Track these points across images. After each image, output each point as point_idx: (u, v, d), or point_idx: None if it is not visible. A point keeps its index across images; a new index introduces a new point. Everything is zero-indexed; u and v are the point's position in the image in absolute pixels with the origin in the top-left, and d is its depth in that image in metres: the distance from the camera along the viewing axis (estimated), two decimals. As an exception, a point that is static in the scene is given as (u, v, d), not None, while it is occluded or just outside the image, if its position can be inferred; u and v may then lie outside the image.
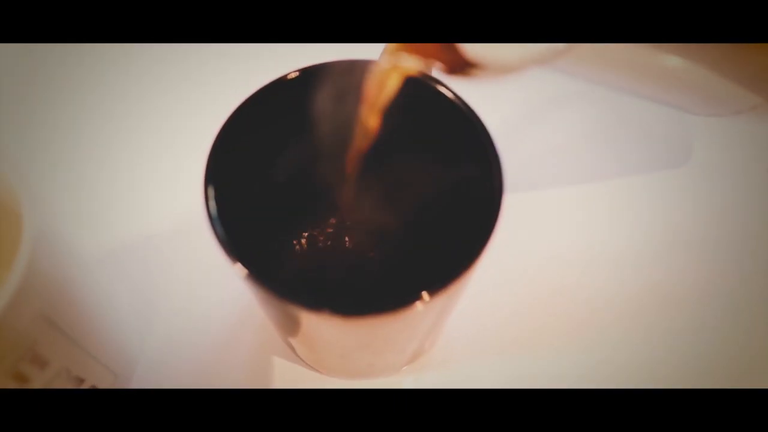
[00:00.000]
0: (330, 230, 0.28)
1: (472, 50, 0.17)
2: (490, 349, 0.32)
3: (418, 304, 0.19)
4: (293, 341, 0.26)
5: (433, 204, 0.25)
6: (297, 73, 0.23)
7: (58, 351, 0.22)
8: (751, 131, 0.40)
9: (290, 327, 0.23)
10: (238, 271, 0.20)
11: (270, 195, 0.25)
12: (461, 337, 0.32)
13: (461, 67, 0.17)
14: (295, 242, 0.27)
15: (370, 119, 0.22)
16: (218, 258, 0.20)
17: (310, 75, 0.23)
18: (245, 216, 0.23)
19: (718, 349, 0.33)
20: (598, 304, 0.35)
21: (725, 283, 0.36)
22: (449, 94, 0.22)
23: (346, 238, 0.28)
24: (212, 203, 0.21)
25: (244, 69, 0.47)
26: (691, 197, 0.39)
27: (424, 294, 0.19)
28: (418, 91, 0.22)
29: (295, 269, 0.26)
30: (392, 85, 0.21)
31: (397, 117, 0.22)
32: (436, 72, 0.19)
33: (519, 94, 0.43)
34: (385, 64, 0.20)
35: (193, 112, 0.42)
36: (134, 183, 0.37)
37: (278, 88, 0.23)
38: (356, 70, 0.22)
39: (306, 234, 0.27)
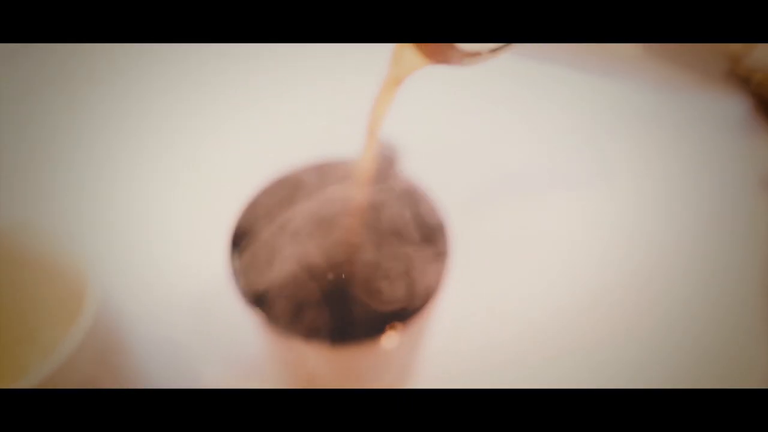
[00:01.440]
0: (322, 280, 0.32)
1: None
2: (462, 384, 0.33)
3: (388, 334, 0.25)
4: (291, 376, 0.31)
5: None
6: (304, 168, 0.29)
7: (110, 382, 0.27)
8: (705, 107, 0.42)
9: (290, 360, 0.28)
10: (256, 315, 0.25)
11: (282, 255, 0.30)
12: (434, 374, 0.33)
13: (455, 58, 0.21)
14: (297, 292, 0.31)
15: (354, 198, 0.28)
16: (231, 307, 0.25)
17: (312, 170, 0.29)
18: (257, 272, 0.28)
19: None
20: (568, 329, 0.35)
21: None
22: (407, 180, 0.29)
23: (337, 289, 0.32)
24: (235, 263, 0.27)
25: (244, 69, 0.47)
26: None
27: (392, 326, 0.25)
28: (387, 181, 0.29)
29: (295, 312, 0.30)
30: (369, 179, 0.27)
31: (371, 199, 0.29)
32: (433, 66, 0.22)
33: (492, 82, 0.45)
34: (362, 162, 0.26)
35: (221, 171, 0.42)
36: (166, 244, 0.39)
37: (287, 179, 0.29)
38: (343, 167, 0.29)
39: (304, 284, 0.31)
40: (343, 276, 0.32)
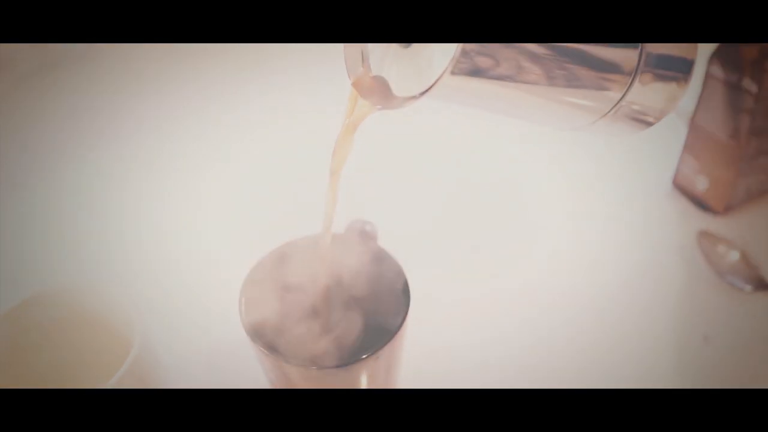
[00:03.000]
0: (310, 321, 0.39)
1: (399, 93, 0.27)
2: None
3: (365, 360, 0.32)
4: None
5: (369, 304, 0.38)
6: (297, 242, 0.38)
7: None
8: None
9: (283, 382, 0.35)
10: (259, 349, 0.33)
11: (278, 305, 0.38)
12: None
13: (395, 103, 0.27)
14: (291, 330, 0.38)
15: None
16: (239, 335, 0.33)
17: (301, 244, 0.38)
18: (260, 317, 0.36)
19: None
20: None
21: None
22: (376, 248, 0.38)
23: (321, 326, 0.39)
24: (244, 310, 0.35)
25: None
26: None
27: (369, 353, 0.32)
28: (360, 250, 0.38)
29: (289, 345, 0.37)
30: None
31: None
32: (379, 110, 0.28)
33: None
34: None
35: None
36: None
37: (284, 251, 0.38)
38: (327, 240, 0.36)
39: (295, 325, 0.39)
40: (326, 315, 0.39)
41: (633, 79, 0.28)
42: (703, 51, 0.45)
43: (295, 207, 0.51)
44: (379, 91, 0.28)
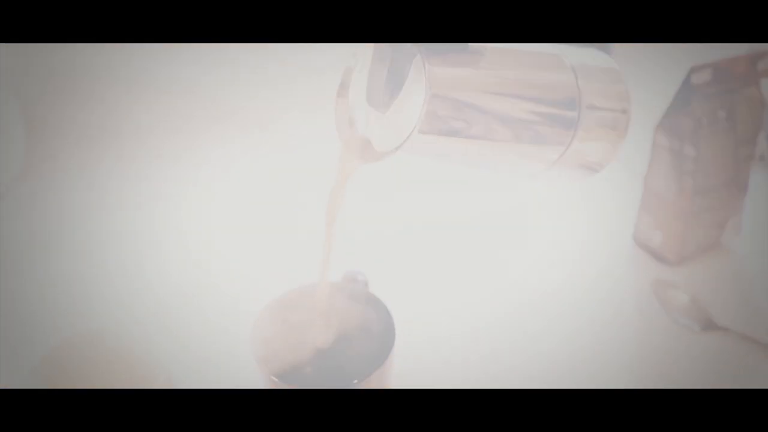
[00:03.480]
0: (311, 354, 0.44)
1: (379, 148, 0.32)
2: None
3: (357, 385, 0.37)
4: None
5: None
6: (299, 290, 0.44)
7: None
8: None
9: None
10: (267, 376, 0.38)
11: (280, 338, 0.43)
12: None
13: (375, 156, 0.32)
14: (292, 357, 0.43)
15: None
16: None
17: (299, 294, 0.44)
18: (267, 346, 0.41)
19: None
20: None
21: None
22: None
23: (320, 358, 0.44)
24: (255, 344, 0.40)
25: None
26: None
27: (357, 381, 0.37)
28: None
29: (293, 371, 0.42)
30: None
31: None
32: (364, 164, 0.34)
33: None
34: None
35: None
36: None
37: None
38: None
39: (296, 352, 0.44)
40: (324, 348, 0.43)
41: (574, 134, 0.34)
42: (649, 123, 0.52)
43: (298, 253, 0.57)
44: (364, 149, 0.34)
